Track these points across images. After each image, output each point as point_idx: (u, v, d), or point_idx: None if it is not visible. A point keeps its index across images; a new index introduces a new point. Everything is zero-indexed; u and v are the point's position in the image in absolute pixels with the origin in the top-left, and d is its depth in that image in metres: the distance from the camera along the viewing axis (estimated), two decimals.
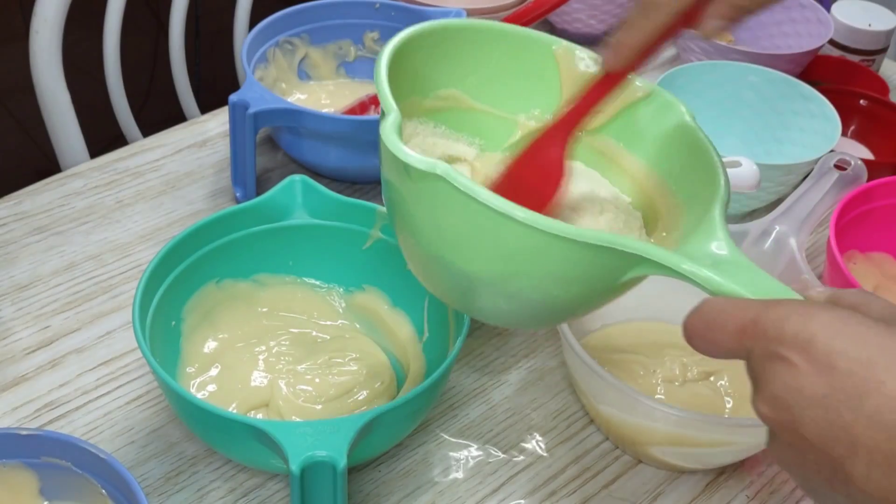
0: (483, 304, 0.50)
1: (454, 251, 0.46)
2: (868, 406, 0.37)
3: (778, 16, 1.10)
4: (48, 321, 0.73)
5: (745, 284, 0.42)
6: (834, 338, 0.37)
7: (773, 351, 0.39)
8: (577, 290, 0.46)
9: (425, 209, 0.46)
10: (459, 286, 0.49)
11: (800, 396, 0.38)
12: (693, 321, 0.42)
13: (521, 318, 0.51)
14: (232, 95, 0.79)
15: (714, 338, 0.41)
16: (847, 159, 0.79)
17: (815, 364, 0.37)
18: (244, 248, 0.69)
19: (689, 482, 0.67)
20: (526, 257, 0.44)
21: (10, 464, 0.56)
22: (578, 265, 0.44)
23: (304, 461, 0.53)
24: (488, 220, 0.43)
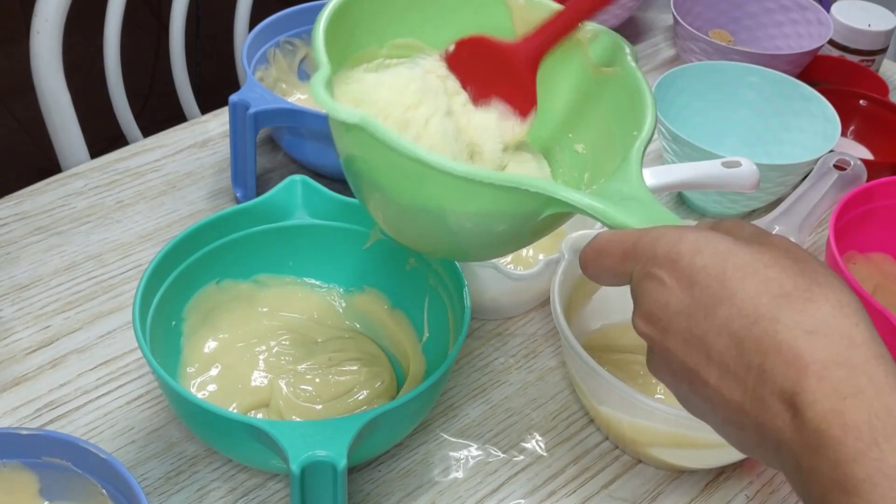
0: (420, 236, 0.53)
1: (389, 188, 0.49)
2: (720, 316, 0.39)
3: (778, 16, 1.10)
4: (49, 321, 0.73)
5: (638, 216, 0.45)
6: (696, 255, 0.41)
7: (648, 270, 0.42)
8: (499, 224, 0.49)
9: (354, 152, 0.49)
10: (404, 220, 0.52)
11: (667, 310, 0.41)
12: (586, 250, 0.46)
13: (459, 249, 0.54)
14: (232, 96, 0.79)
15: (602, 263, 0.45)
16: (847, 159, 0.79)
17: (679, 279, 0.41)
18: (244, 249, 0.69)
19: (689, 482, 0.67)
20: (447, 196, 0.47)
21: (10, 464, 0.56)
22: (494, 204, 0.47)
23: (305, 461, 0.53)
24: (409, 165, 0.46)
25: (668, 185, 0.76)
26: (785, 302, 0.39)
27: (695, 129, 0.92)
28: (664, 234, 0.42)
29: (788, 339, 0.38)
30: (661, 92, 0.90)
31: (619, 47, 0.55)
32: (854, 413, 0.36)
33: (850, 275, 0.70)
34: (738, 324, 0.39)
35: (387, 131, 0.45)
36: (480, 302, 0.73)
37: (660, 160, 0.94)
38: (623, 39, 0.56)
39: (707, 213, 0.90)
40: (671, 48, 1.15)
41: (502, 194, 0.46)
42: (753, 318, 0.39)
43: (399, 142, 0.45)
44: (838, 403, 0.36)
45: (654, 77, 1.02)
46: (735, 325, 0.39)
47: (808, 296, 0.39)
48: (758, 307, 0.39)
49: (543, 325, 0.77)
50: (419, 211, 0.49)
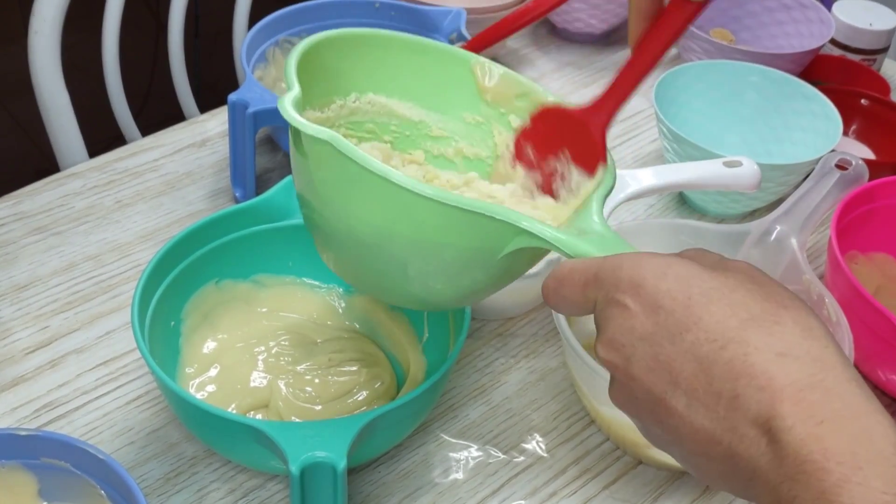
0: (361, 270, 0.54)
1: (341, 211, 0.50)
2: (686, 341, 0.39)
3: (779, 15, 1.10)
4: (47, 321, 0.73)
5: (599, 246, 0.46)
6: (660, 279, 0.40)
7: (611, 296, 0.41)
8: (451, 258, 0.49)
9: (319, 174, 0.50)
10: (354, 256, 0.52)
11: (631, 336, 0.40)
12: (548, 281, 0.45)
13: (398, 289, 0.53)
14: (231, 95, 0.79)
15: (564, 293, 0.44)
16: (848, 159, 0.79)
17: (643, 305, 0.40)
18: (243, 249, 0.69)
19: (690, 483, 0.67)
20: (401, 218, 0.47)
21: (9, 465, 0.56)
22: (449, 230, 0.47)
23: (304, 462, 0.52)
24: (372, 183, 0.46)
25: (668, 185, 0.76)
26: (753, 325, 0.38)
27: (696, 129, 0.92)
28: (627, 259, 0.42)
29: (760, 363, 0.37)
30: (661, 91, 0.90)
31: None
32: (833, 437, 0.35)
33: (851, 275, 0.70)
34: (707, 349, 0.38)
35: (353, 147, 0.46)
36: (480, 302, 0.72)
37: (660, 160, 0.94)
38: None
39: (708, 213, 0.90)
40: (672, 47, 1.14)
41: (460, 218, 0.46)
42: (722, 342, 0.38)
43: (366, 158, 0.46)
44: (816, 428, 0.35)
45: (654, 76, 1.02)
46: (703, 350, 0.38)
47: (775, 319, 0.38)
48: (726, 331, 0.38)
49: (544, 325, 0.77)
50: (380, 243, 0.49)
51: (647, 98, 1.04)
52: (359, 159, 0.46)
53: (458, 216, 0.46)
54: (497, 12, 1.00)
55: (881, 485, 0.34)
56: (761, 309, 0.39)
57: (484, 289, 0.53)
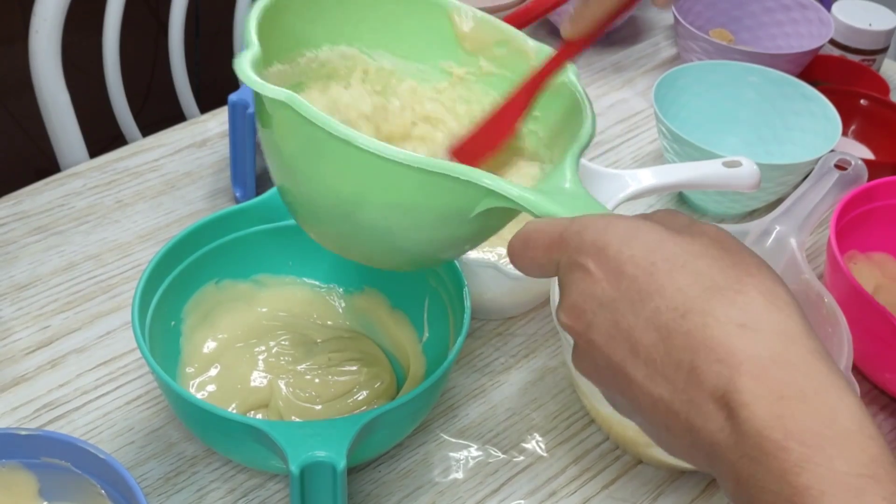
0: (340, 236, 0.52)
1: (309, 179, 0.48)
2: (648, 309, 0.37)
3: (778, 16, 1.10)
4: (48, 321, 0.73)
5: (567, 206, 0.44)
6: (624, 244, 0.39)
7: (574, 260, 0.40)
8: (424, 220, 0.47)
9: (279, 136, 0.48)
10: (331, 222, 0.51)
11: (592, 301, 0.39)
12: (513, 241, 0.44)
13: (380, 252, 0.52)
14: (232, 95, 0.79)
15: (528, 254, 0.43)
16: (847, 159, 0.79)
17: (606, 270, 0.39)
18: (244, 249, 0.69)
19: (690, 483, 0.67)
20: (369, 182, 0.46)
21: (10, 464, 0.56)
22: (417, 192, 0.46)
23: (304, 462, 0.52)
24: (332, 144, 0.44)
25: (668, 185, 0.76)
26: (715, 294, 0.37)
27: (695, 129, 0.92)
28: (592, 223, 0.40)
29: (720, 335, 0.36)
30: (661, 91, 0.90)
31: None
32: (795, 415, 0.34)
33: (851, 275, 0.70)
34: (667, 317, 0.37)
35: (312, 108, 0.44)
36: (480, 302, 0.72)
37: (660, 160, 0.94)
38: None
39: (707, 213, 0.90)
40: (672, 47, 1.14)
41: (427, 180, 0.44)
42: (682, 311, 0.36)
43: (324, 118, 0.44)
44: (776, 404, 0.34)
45: (654, 76, 1.02)
46: (663, 319, 0.37)
47: (738, 287, 0.37)
48: (687, 300, 0.37)
49: (543, 325, 0.77)
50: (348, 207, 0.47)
51: (646, 98, 1.04)
52: (319, 121, 0.44)
53: (424, 177, 0.44)
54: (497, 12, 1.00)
55: (845, 465, 0.33)
56: (725, 277, 0.37)
57: (464, 244, 0.52)
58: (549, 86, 0.55)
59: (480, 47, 0.59)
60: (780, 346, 0.35)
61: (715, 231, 0.40)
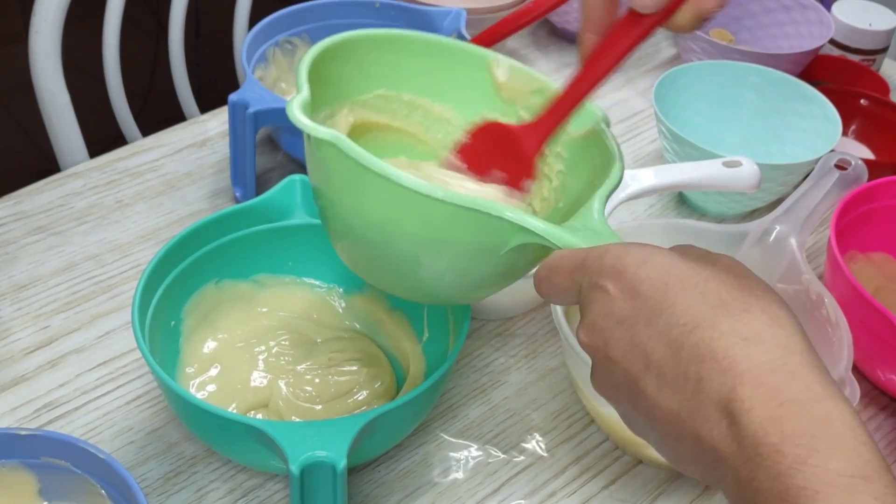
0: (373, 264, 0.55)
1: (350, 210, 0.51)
2: (660, 324, 0.40)
3: (779, 16, 1.10)
4: (47, 321, 0.73)
5: (589, 241, 0.47)
6: (641, 266, 0.42)
7: (594, 282, 0.43)
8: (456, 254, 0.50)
9: (328, 172, 0.51)
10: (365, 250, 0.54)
11: (610, 320, 0.42)
12: (540, 269, 0.47)
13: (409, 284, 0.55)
14: (232, 95, 0.79)
15: (553, 280, 0.46)
16: (848, 159, 0.79)
17: (623, 290, 0.42)
18: (244, 249, 0.69)
19: (690, 482, 0.67)
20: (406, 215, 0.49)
21: (10, 464, 0.56)
22: (450, 226, 0.49)
23: (304, 462, 0.52)
24: (375, 182, 0.48)
25: (668, 185, 0.76)
26: (722, 311, 0.39)
27: (695, 129, 0.92)
28: (612, 248, 0.44)
29: (724, 346, 0.38)
30: (661, 91, 0.90)
31: (593, 113, 0.58)
32: (792, 420, 0.36)
33: (851, 275, 0.70)
34: (677, 332, 0.39)
35: (356, 147, 0.47)
36: (480, 302, 0.72)
37: (660, 160, 0.94)
38: (596, 107, 0.59)
39: (707, 214, 0.90)
40: (672, 47, 1.14)
41: (459, 214, 0.47)
42: (691, 326, 0.39)
43: (366, 156, 0.47)
44: (775, 410, 0.36)
45: (654, 76, 1.02)
46: (674, 333, 0.39)
47: (744, 307, 0.39)
48: (696, 316, 0.39)
49: (543, 325, 0.77)
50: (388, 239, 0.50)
51: (646, 98, 1.04)
52: (361, 160, 0.47)
53: (458, 213, 0.47)
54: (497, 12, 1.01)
55: (837, 467, 0.34)
56: (732, 297, 0.40)
57: (491, 283, 0.55)
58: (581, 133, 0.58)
59: (517, 96, 0.62)
60: (780, 357, 0.38)
61: (726, 260, 0.43)
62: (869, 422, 0.73)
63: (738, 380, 0.37)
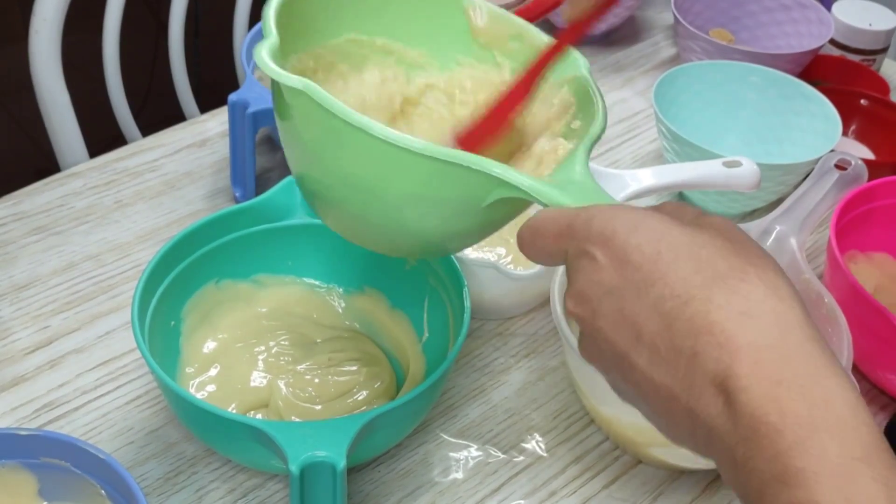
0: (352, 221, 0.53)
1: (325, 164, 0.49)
2: (651, 296, 0.38)
3: (778, 15, 1.10)
4: (47, 321, 0.73)
5: (577, 196, 0.45)
6: (631, 233, 0.39)
7: (582, 248, 0.41)
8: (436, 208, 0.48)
9: (296, 124, 0.49)
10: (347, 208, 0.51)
11: (598, 288, 0.40)
12: (523, 230, 0.44)
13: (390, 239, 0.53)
14: (231, 95, 0.79)
15: (538, 243, 0.44)
16: (847, 159, 0.79)
17: (612, 258, 0.40)
18: (243, 249, 0.69)
19: (689, 482, 0.67)
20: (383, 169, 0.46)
21: (9, 464, 0.56)
22: (430, 180, 0.46)
23: (304, 462, 0.52)
24: (349, 132, 0.45)
25: (668, 185, 0.76)
26: (717, 282, 0.37)
27: (695, 129, 0.92)
28: (599, 212, 0.41)
29: (720, 321, 0.36)
30: (661, 91, 0.90)
31: (574, 59, 0.56)
32: (791, 399, 0.34)
33: (851, 275, 0.70)
34: (670, 304, 0.37)
35: (329, 96, 0.45)
36: (480, 302, 0.72)
37: (660, 160, 0.94)
38: (576, 52, 0.56)
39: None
40: (672, 47, 1.14)
41: (440, 168, 0.45)
42: (685, 298, 0.37)
43: (340, 106, 0.45)
44: (773, 389, 0.35)
45: (654, 76, 1.02)
46: (667, 306, 0.38)
47: (741, 276, 0.38)
48: (690, 288, 0.37)
49: (543, 325, 0.77)
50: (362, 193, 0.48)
51: (646, 98, 1.04)
52: (335, 110, 0.45)
53: (437, 166, 0.45)
54: None
55: (837, 449, 0.33)
56: (728, 265, 0.38)
57: (473, 234, 0.52)
58: (561, 77, 0.56)
59: (494, 41, 0.59)
60: (778, 333, 0.36)
61: (721, 222, 0.41)
62: None
63: (734, 356, 0.36)
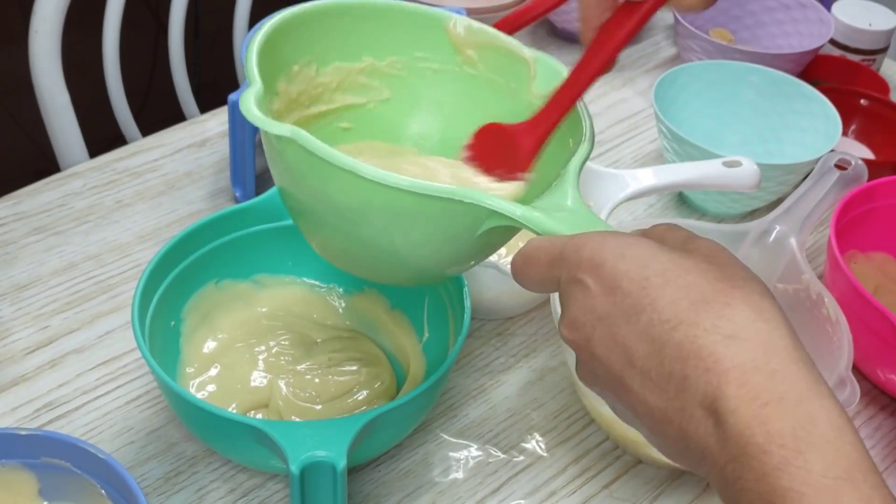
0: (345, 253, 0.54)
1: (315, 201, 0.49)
2: (641, 321, 0.39)
3: (779, 15, 1.10)
4: (48, 321, 0.73)
5: (567, 224, 0.45)
6: (619, 261, 0.40)
7: (573, 276, 0.42)
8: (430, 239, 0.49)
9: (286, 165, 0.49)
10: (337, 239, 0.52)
11: (591, 315, 0.41)
12: (515, 259, 0.45)
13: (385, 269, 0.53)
14: (231, 95, 0.79)
15: (530, 272, 0.45)
16: (848, 159, 0.79)
17: (603, 285, 0.41)
18: (243, 249, 0.69)
19: (690, 482, 0.67)
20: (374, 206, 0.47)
21: (10, 464, 0.56)
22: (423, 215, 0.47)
23: (304, 461, 0.52)
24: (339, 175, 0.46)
25: (668, 185, 0.76)
26: (704, 306, 0.38)
27: (695, 129, 0.92)
28: (589, 240, 0.42)
29: (708, 344, 0.37)
30: (661, 91, 0.90)
31: (558, 73, 0.56)
32: (777, 420, 0.35)
33: (851, 274, 0.70)
34: (659, 329, 0.39)
35: (316, 142, 0.46)
36: (480, 302, 0.72)
37: (660, 160, 0.94)
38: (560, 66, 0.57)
39: (707, 213, 0.90)
40: (672, 47, 1.14)
41: (432, 203, 0.46)
42: (674, 323, 0.38)
43: (328, 151, 0.45)
44: (760, 410, 0.36)
45: (654, 76, 1.02)
46: (656, 331, 0.39)
47: (726, 300, 0.39)
48: (678, 313, 0.39)
49: (543, 325, 0.77)
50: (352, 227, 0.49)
51: (646, 98, 1.04)
52: (323, 154, 0.45)
53: (429, 202, 0.46)
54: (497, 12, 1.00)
55: (822, 468, 0.34)
56: (713, 290, 0.39)
57: (469, 260, 0.53)
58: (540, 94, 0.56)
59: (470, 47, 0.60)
60: (764, 355, 0.37)
61: (708, 246, 0.42)
62: (869, 422, 0.73)
63: (722, 379, 0.37)
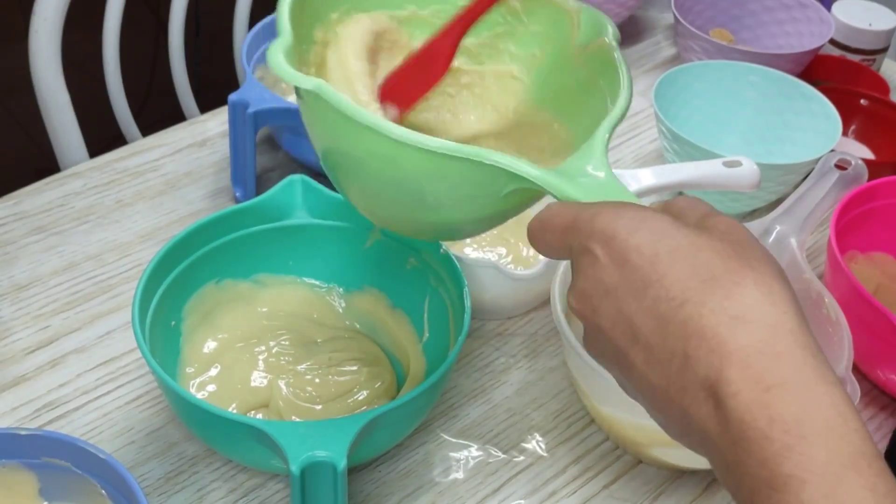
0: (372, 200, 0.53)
1: (343, 152, 0.49)
2: (648, 297, 0.38)
3: (779, 15, 1.10)
4: (48, 321, 0.73)
5: (588, 191, 0.45)
6: (632, 233, 0.40)
7: (585, 245, 0.41)
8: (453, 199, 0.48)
9: (315, 117, 0.50)
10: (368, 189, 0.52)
11: (599, 287, 0.40)
12: (532, 223, 0.45)
13: (410, 221, 0.53)
14: (232, 95, 0.79)
15: (545, 237, 0.44)
16: (848, 159, 0.79)
17: (613, 257, 0.40)
18: (244, 248, 0.69)
19: (690, 482, 0.67)
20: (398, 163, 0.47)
21: (10, 464, 0.56)
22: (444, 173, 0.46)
23: (304, 461, 0.52)
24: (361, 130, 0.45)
25: (668, 185, 0.76)
26: (713, 286, 0.37)
27: (695, 129, 0.92)
28: (604, 210, 0.42)
29: (712, 325, 0.37)
30: (661, 91, 0.90)
31: (602, 25, 0.54)
32: (779, 405, 0.35)
33: (851, 274, 0.70)
34: (665, 307, 0.38)
35: (340, 97, 0.45)
36: (480, 302, 0.72)
37: (660, 160, 0.94)
38: (606, 17, 0.55)
39: None
40: (672, 47, 1.14)
41: (453, 163, 0.45)
42: (680, 301, 0.38)
43: (352, 107, 0.45)
44: (762, 395, 0.35)
45: (654, 76, 1.02)
46: (662, 308, 0.38)
47: (736, 279, 0.38)
48: (685, 290, 0.38)
49: (543, 325, 0.77)
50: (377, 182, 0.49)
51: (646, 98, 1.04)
52: (347, 111, 0.45)
53: (449, 162, 0.45)
54: None
55: (825, 456, 0.34)
56: (725, 269, 0.38)
57: (493, 220, 0.52)
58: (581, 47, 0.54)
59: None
60: (770, 338, 0.36)
61: (726, 223, 0.41)
62: (869, 422, 0.73)
63: (725, 361, 0.36)
